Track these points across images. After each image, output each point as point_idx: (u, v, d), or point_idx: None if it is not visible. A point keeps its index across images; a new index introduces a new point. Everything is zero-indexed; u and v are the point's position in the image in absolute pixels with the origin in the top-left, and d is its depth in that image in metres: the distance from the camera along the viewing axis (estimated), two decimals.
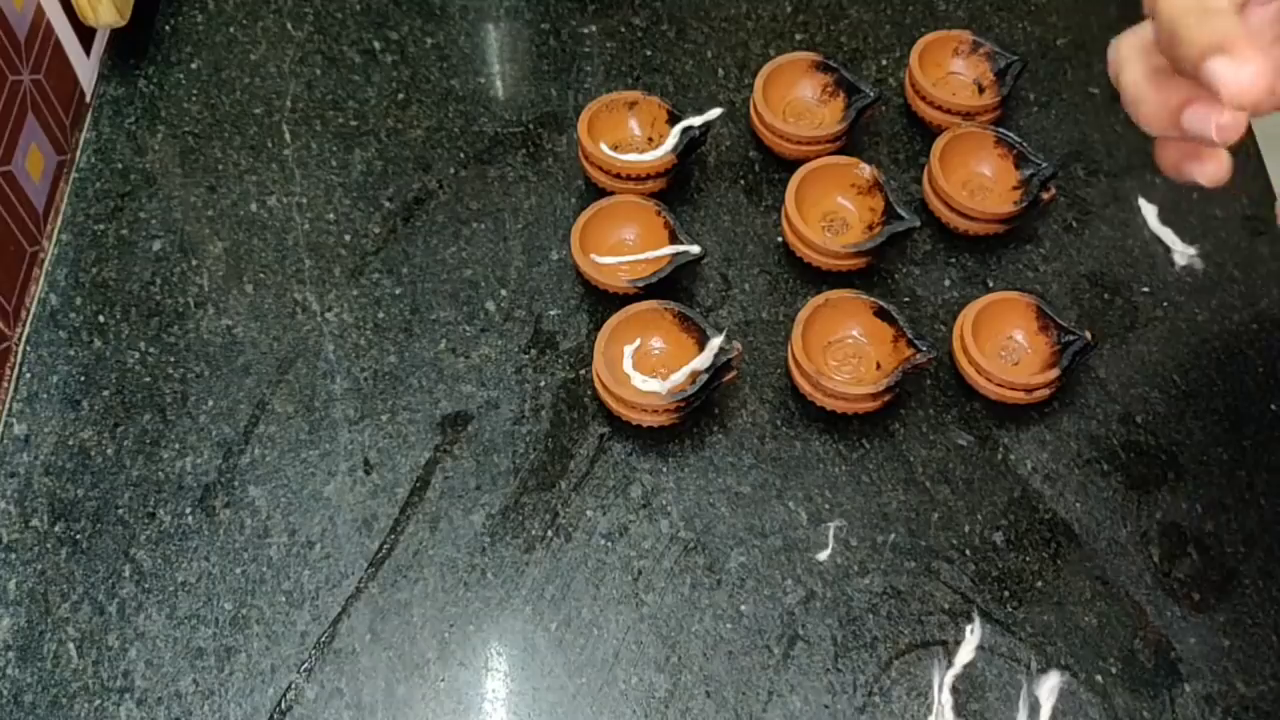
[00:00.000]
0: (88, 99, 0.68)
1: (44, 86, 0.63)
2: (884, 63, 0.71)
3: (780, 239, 0.64)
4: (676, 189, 0.65)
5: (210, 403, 0.58)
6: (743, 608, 0.53)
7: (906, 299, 0.62)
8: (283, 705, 0.50)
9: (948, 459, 0.57)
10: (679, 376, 0.55)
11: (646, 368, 0.57)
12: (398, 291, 0.62)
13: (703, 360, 0.55)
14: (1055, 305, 0.59)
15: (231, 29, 0.72)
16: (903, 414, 0.58)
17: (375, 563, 0.54)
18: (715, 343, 0.55)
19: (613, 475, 0.56)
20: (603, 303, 0.61)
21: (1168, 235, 0.64)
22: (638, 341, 0.58)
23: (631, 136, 0.65)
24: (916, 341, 0.56)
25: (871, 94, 0.64)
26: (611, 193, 0.63)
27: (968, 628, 0.53)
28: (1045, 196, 0.62)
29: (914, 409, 0.58)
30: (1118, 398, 0.59)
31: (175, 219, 0.64)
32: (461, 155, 0.67)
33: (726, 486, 0.56)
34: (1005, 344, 0.59)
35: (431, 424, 0.58)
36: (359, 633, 0.52)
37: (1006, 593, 0.53)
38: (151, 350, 0.60)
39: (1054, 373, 0.57)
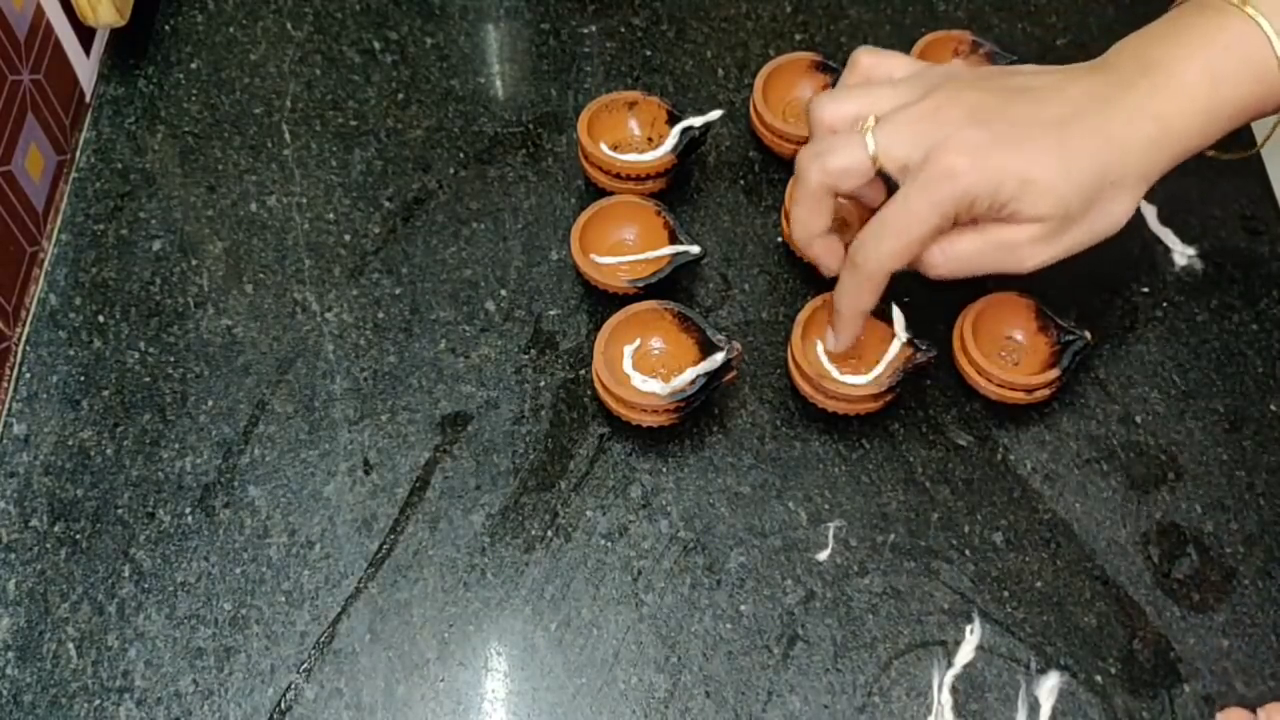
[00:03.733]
0: (87, 99, 0.68)
1: (44, 86, 0.63)
2: None
3: (780, 239, 0.64)
4: (676, 189, 0.65)
5: (210, 403, 0.58)
6: (742, 608, 0.53)
7: (906, 299, 0.62)
8: (282, 705, 0.50)
9: (947, 459, 0.57)
10: (681, 381, 0.55)
11: (646, 368, 0.57)
12: (398, 291, 0.62)
13: (705, 367, 0.55)
14: (1055, 305, 0.59)
15: (231, 29, 0.72)
16: (903, 414, 0.58)
17: (375, 563, 0.54)
18: (718, 357, 0.55)
19: (612, 475, 0.56)
20: (602, 303, 0.61)
21: (1167, 235, 0.64)
22: (637, 342, 0.58)
23: (631, 136, 0.65)
24: (916, 341, 0.56)
25: None
26: (611, 193, 0.63)
27: (967, 628, 0.53)
28: None
29: (914, 409, 0.58)
30: (1118, 398, 0.59)
31: (175, 219, 0.64)
32: (461, 155, 0.67)
33: (726, 486, 0.56)
34: (1005, 344, 0.59)
35: (431, 424, 0.58)
36: (359, 633, 0.52)
37: (1006, 593, 0.53)
38: (151, 350, 0.60)
39: (1054, 373, 0.57)
